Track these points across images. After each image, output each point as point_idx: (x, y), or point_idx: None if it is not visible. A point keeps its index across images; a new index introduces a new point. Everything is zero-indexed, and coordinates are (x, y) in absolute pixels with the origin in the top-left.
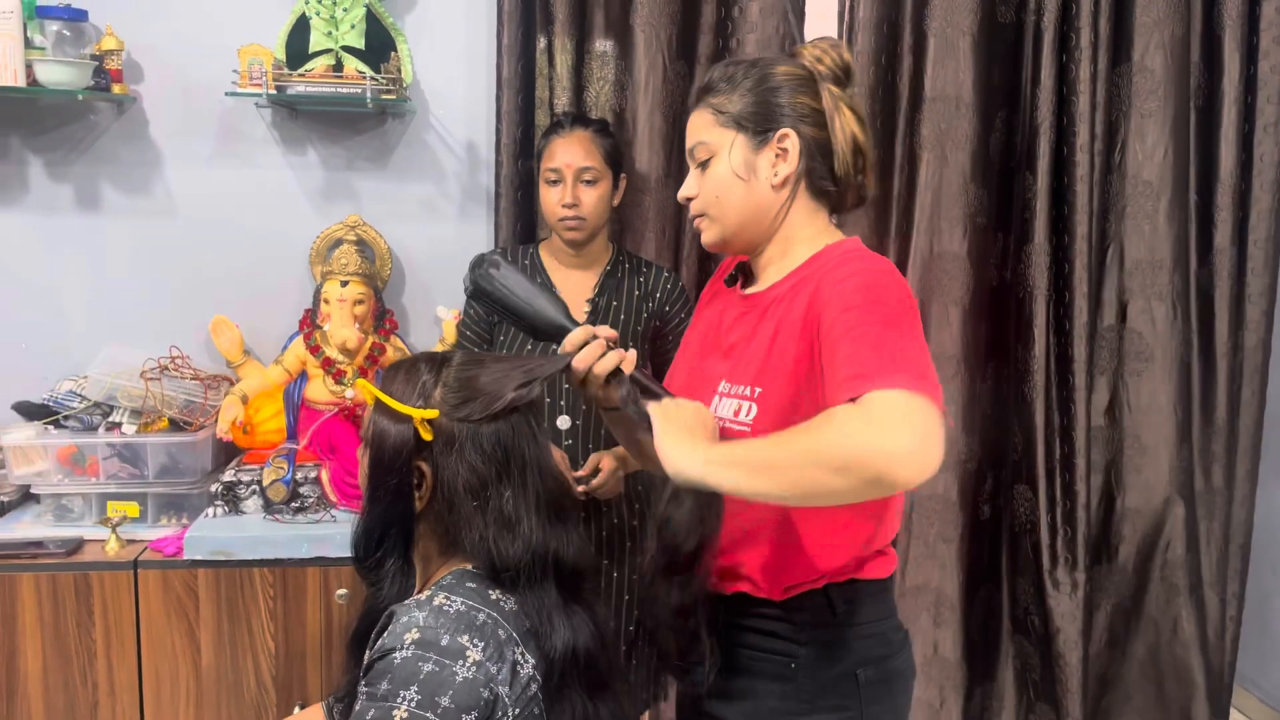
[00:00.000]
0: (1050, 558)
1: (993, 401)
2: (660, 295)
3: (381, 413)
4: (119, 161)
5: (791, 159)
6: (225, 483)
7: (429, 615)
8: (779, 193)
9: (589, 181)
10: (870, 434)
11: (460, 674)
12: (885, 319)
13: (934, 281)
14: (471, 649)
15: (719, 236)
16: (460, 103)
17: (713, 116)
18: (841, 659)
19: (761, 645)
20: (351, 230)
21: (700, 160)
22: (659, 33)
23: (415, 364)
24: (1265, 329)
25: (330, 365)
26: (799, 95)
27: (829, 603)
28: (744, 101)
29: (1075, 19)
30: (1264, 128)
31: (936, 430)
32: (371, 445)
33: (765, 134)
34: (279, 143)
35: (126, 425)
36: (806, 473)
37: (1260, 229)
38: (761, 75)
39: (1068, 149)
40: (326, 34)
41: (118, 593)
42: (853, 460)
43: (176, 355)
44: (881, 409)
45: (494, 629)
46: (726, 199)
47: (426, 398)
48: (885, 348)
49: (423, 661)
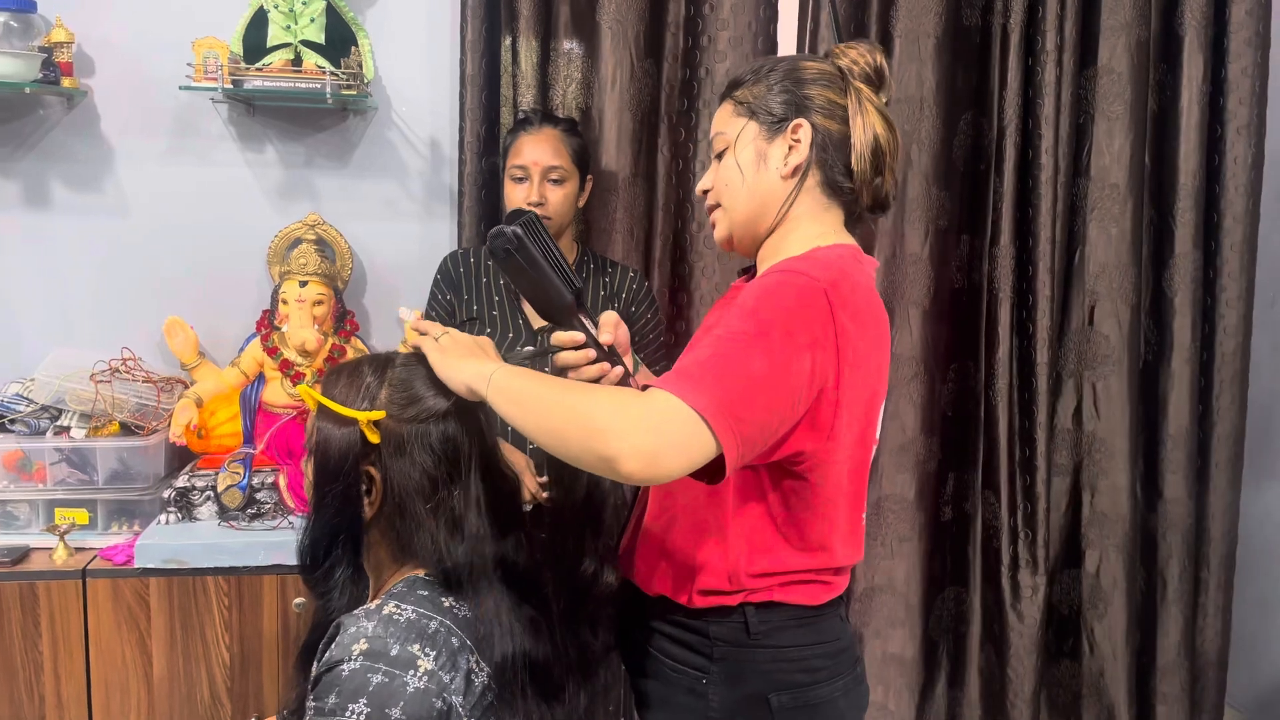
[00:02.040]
0: (1011, 561)
1: (954, 403)
2: (626, 295)
3: (325, 418)
4: (69, 158)
5: (803, 149)
6: (178, 488)
7: (378, 625)
8: (787, 183)
9: (556, 181)
10: (624, 422)
11: (411, 684)
12: (747, 334)
13: (895, 284)
14: (423, 658)
15: (727, 230)
16: (423, 99)
17: (733, 107)
18: (752, 681)
19: (677, 655)
20: (311, 229)
21: (718, 151)
22: (626, 30)
23: (358, 366)
24: (1243, 334)
25: (289, 368)
26: (823, 89)
27: (744, 621)
28: (764, 90)
29: (1041, 22)
30: (1236, 130)
31: (686, 446)
32: (316, 452)
33: (781, 123)
34: (236, 139)
35: (75, 429)
36: (558, 423)
37: (1236, 232)
38: (790, 68)
39: (1033, 152)
40: (285, 28)
41: (66, 603)
42: (596, 432)
43: (128, 357)
44: (650, 408)
45: (446, 637)
46: (736, 186)
47: (371, 399)
48: (717, 362)
49: (372, 673)
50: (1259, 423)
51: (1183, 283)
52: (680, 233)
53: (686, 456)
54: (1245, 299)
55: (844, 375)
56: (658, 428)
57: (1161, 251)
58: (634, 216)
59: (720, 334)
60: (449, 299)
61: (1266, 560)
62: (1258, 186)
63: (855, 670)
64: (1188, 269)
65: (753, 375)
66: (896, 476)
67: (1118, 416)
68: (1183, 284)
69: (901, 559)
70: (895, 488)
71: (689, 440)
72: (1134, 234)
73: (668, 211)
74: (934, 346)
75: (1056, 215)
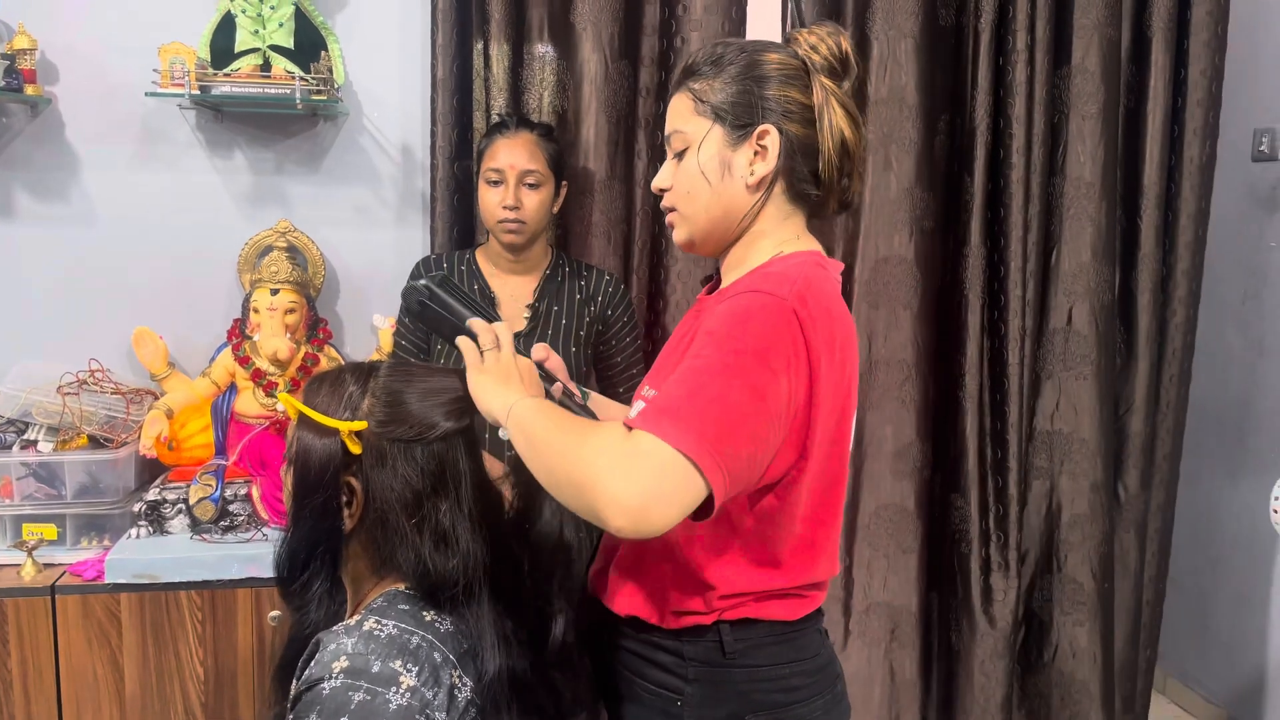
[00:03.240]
0: (981, 565)
1: (940, 407)
2: (602, 299)
3: (306, 427)
4: (33, 166)
5: (770, 158)
6: (149, 502)
7: (358, 641)
8: (753, 194)
9: (532, 185)
10: (610, 473)
11: (394, 701)
12: (724, 362)
13: (881, 286)
14: (405, 674)
15: (688, 236)
16: (394, 104)
17: (692, 103)
18: (728, 701)
19: (651, 676)
20: (282, 236)
21: (676, 150)
22: (601, 31)
23: (340, 375)
24: (1188, 331)
25: (261, 377)
26: (787, 88)
27: (719, 640)
28: (727, 90)
29: (1012, 22)
30: (1193, 131)
31: (675, 493)
32: (296, 462)
33: (745, 129)
34: (204, 146)
35: (43, 443)
36: (559, 475)
37: (1189, 231)
38: (749, 63)
39: (1004, 151)
40: (253, 33)
41: (34, 620)
42: (585, 485)
43: (96, 369)
44: (635, 454)
45: (429, 652)
46: (697, 195)
47: (354, 409)
48: (697, 394)
49: (353, 691)
50: (1234, 419)
51: (1146, 281)
52: (658, 237)
53: (678, 505)
54: (1190, 300)
55: (816, 394)
56: (645, 480)
57: (1129, 251)
58: (611, 220)
59: (694, 364)
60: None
61: (1243, 557)
62: (1209, 188)
63: (835, 688)
64: (1150, 267)
65: (733, 406)
66: (895, 486)
67: (1094, 417)
68: (1146, 282)
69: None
70: (895, 497)
71: (678, 487)
72: (1108, 233)
73: (645, 215)
74: (924, 350)
75: (1030, 215)
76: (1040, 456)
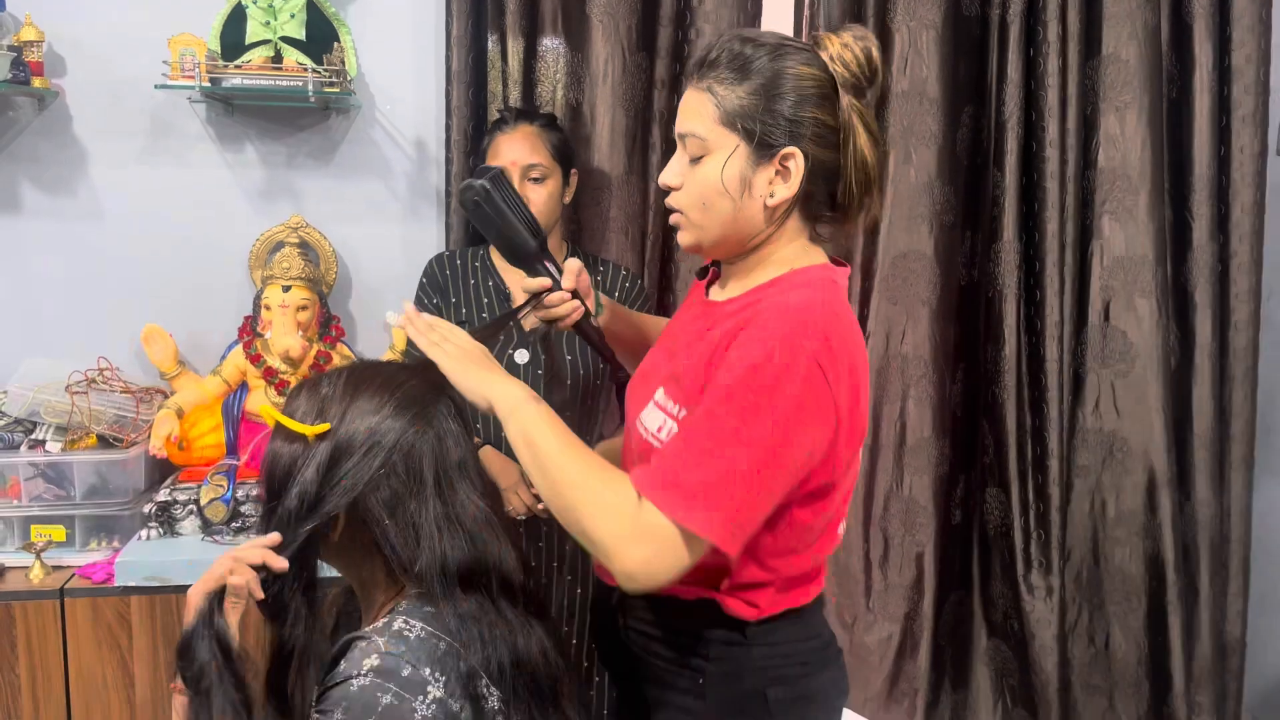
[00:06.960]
0: (1024, 562)
1: (963, 403)
2: (619, 295)
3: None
4: (40, 160)
5: (793, 181)
6: (159, 503)
7: (389, 640)
8: (770, 214)
9: (536, 179)
10: (618, 540)
11: (420, 711)
12: (735, 427)
13: (901, 281)
14: (433, 684)
15: (695, 242)
16: (408, 97)
17: (714, 108)
18: (749, 677)
19: (670, 657)
20: (294, 232)
21: (693, 155)
22: (618, 23)
23: (318, 380)
24: (1253, 329)
25: (273, 375)
26: (813, 109)
27: (741, 624)
28: (752, 102)
29: (1042, 12)
30: (1241, 119)
31: (681, 564)
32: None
33: (770, 149)
34: (214, 139)
35: (51, 443)
36: (564, 505)
37: (1244, 224)
38: (775, 73)
39: (1036, 145)
40: (264, 24)
41: (43, 624)
42: (592, 541)
43: (105, 367)
44: (645, 529)
45: (455, 661)
46: (713, 209)
47: (322, 413)
48: (704, 462)
49: (382, 693)
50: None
51: (1201, 275)
52: (670, 232)
53: (684, 567)
54: (1254, 293)
55: (841, 434)
56: (652, 553)
57: (1179, 244)
58: (628, 215)
59: (708, 426)
60: (436, 303)
61: (1269, 558)
62: (1263, 177)
63: (839, 660)
64: (1206, 261)
65: (748, 475)
66: (912, 480)
67: (1141, 414)
68: (1201, 277)
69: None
70: (912, 492)
71: (685, 557)
72: (1151, 226)
73: (658, 210)
74: (943, 346)
75: (1066, 209)
76: (1086, 454)
